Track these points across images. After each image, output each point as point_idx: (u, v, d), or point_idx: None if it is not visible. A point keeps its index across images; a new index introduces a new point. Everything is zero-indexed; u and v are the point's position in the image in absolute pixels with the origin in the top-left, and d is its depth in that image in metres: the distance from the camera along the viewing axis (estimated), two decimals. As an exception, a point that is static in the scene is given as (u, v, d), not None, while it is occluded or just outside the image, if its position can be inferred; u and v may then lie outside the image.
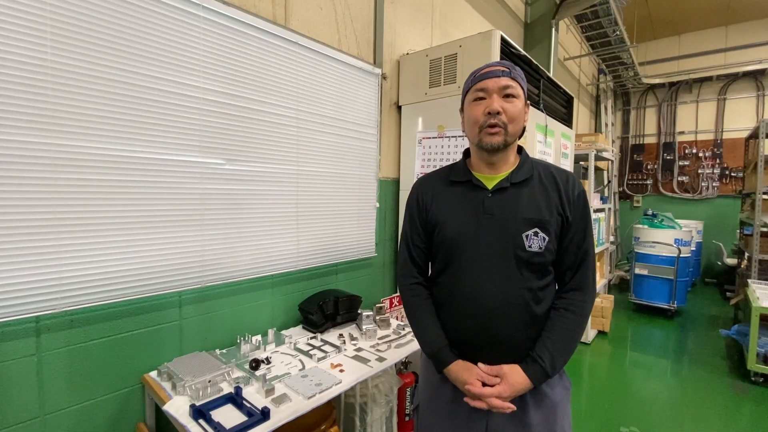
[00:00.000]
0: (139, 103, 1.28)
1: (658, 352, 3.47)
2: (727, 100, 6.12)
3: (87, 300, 1.21)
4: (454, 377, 1.01)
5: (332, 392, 1.30)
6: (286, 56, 1.72)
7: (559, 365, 0.97)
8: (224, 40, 1.50)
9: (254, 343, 1.57)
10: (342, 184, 2.05)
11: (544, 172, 1.04)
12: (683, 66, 6.32)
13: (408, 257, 1.13)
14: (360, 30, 2.16)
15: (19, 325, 1.12)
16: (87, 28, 1.16)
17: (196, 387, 1.22)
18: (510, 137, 0.98)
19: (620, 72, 6.06)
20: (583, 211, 1.02)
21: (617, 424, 2.32)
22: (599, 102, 6.63)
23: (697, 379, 2.96)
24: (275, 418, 1.13)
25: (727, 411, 2.51)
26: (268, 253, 1.73)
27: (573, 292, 1.01)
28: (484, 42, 2.01)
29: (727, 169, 6.14)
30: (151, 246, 1.35)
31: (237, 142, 1.56)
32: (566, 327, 0.98)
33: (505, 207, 0.99)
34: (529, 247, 0.97)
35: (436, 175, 1.15)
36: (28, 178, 1.08)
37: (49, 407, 1.18)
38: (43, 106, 1.09)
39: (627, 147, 7.00)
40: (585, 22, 4.64)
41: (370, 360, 1.54)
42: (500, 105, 0.96)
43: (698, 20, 5.92)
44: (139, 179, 1.30)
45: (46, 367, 1.17)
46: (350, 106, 2.05)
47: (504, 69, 0.98)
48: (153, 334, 1.41)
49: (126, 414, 1.36)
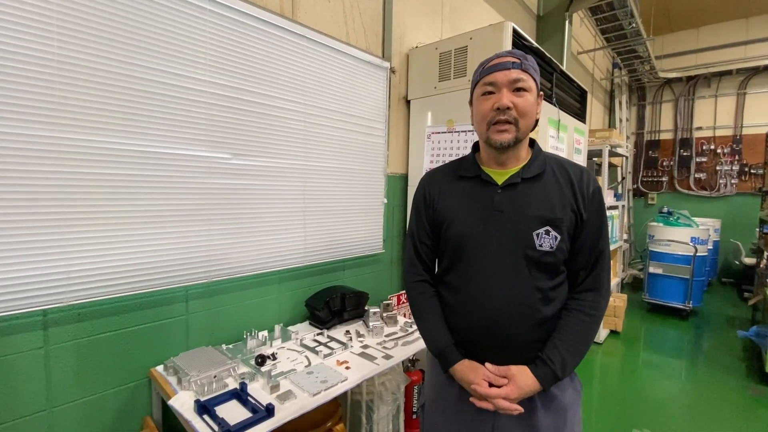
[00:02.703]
0: (145, 96, 1.27)
1: (673, 353, 3.39)
2: (748, 95, 5.92)
3: (94, 294, 1.22)
4: (460, 377, 0.99)
5: (338, 389, 1.29)
6: (293, 50, 1.70)
7: (569, 368, 0.94)
8: (231, 33, 1.48)
9: (261, 339, 1.56)
10: (349, 180, 2.03)
11: (558, 168, 0.99)
12: (701, 59, 6.12)
13: (414, 254, 1.10)
14: (368, 23, 2.13)
15: (26, 318, 1.13)
16: (93, 21, 1.15)
17: (201, 382, 1.22)
18: (521, 133, 0.94)
19: (636, 66, 5.91)
20: (599, 209, 0.97)
21: (629, 426, 2.27)
22: (613, 97, 6.48)
23: (712, 381, 2.88)
24: (279, 415, 1.12)
25: (744, 414, 2.44)
26: (275, 249, 1.72)
27: (586, 293, 0.97)
28: (495, 34, 1.96)
29: (746, 166, 5.95)
30: (157, 240, 1.35)
31: (244, 136, 1.55)
32: (579, 329, 0.94)
33: (515, 204, 0.96)
34: (540, 246, 0.93)
35: (444, 169, 1.11)
36: (35, 171, 1.08)
37: (56, 400, 1.19)
38: (49, 99, 1.09)
39: (642, 143, 6.84)
40: (600, 15, 4.53)
41: (377, 357, 1.52)
42: (510, 100, 0.91)
43: (718, 12, 5.72)
44: (146, 173, 1.30)
45: (53, 360, 1.18)
46: (358, 101, 2.02)
47: (515, 60, 0.93)
48: (160, 329, 1.41)
49: (133, 408, 1.36)
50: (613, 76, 6.31)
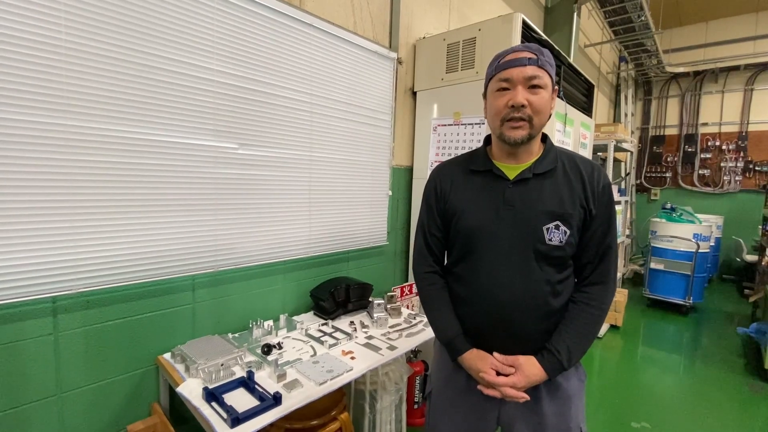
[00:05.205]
0: (153, 85, 1.26)
1: (672, 348, 3.41)
2: (755, 91, 5.86)
3: (102, 282, 1.22)
4: (468, 365, 1.01)
5: (344, 379, 1.30)
6: (300, 39, 1.68)
7: (575, 358, 0.96)
8: (239, 21, 1.47)
9: (266, 328, 1.57)
10: (355, 171, 2.02)
11: (569, 163, 0.99)
12: (709, 54, 6.04)
13: (424, 245, 1.11)
14: (376, 12, 2.10)
15: (36, 305, 1.13)
16: (102, 8, 1.14)
17: (209, 370, 1.23)
18: (535, 130, 0.94)
19: (643, 60, 5.85)
20: (608, 205, 0.98)
21: (628, 420, 2.30)
22: (619, 91, 6.42)
23: (711, 376, 2.90)
24: (287, 403, 1.13)
25: (742, 410, 2.46)
26: (281, 239, 1.72)
27: (593, 286, 0.99)
28: (504, 25, 1.94)
29: (751, 163, 5.93)
30: (165, 229, 1.35)
31: (250, 126, 1.54)
32: (585, 321, 0.96)
33: (526, 198, 0.96)
34: (549, 241, 0.94)
35: (455, 162, 1.11)
36: (44, 159, 1.08)
37: (65, 386, 1.21)
38: (57, 86, 1.08)
39: (646, 138, 6.80)
40: (608, 7, 4.47)
41: (381, 348, 1.53)
42: (525, 97, 0.90)
43: (728, 6, 5.64)
44: (154, 162, 1.29)
45: (62, 346, 1.19)
46: (364, 91, 2.01)
47: (531, 56, 0.91)
48: (167, 317, 1.42)
49: (141, 394, 1.38)
50: (619, 70, 6.24)
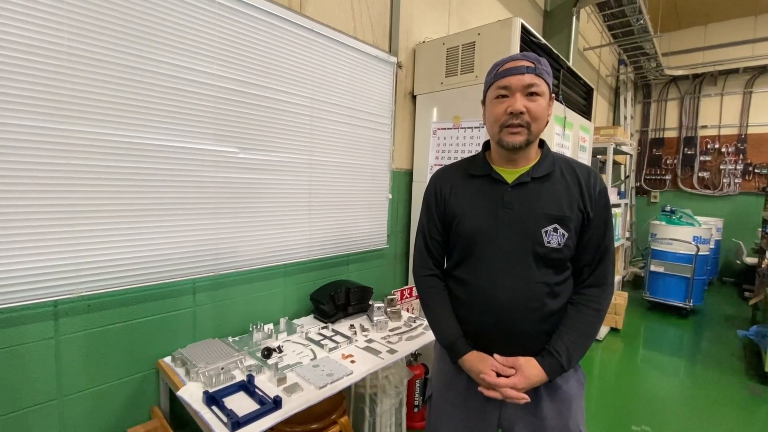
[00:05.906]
0: (154, 89, 1.27)
1: (672, 351, 3.41)
2: (754, 94, 5.88)
3: (103, 285, 1.23)
4: (469, 367, 1.01)
5: (344, 383, 1.30)
6: (300, 43, 1.69)
7: (575, 360, 0.97)
8: (239, 26, 1.48)
9: (266, 332, 1.58)
10: (355, 175, 2.03)
11: (566, 168, 1.01)
12: (708, 57, 6.06)
13: (424, 249, 1.12)
14: (376, 17, 2.12)
15: (37, 309, 1.14)
16: (103, 13, 1.15)
17: (209, 374, 1.23)
18: (532, 136, 0.96)
19: (642, 63, 5.86)
20: (604, 208, 1.00)
21: (628, 423, 2.30)
22: (618, 94, 6.44)
23: (711, 379, 2.90)
24: (287, 407, 1.14)
25: (742, 413, 2.46)
26: (281, 243, 1.73)
27: (591, 289, 1.00)
28: (503, 30, 1.95)
29: (750, 166, 5.93)
30: (166, 233, 1.36)
31: (251, 130, 1.55)
32: (584, 323, 0.98)
33: (524, 202, 0.98)
34: (548, 243, 0.95)
35: (455, 167, 1.13)
36: (46, 164, 1.09)
37: (66, 389, 1.21)
38: (57, 92, 1.09)
39: (646, 141, 6.81)
40: (607, 11, 4.49)
41: (382, 352, 1.54)
42: (523, 105, 0.93)
43: (727, 9, 5.67)
44: (155, 166, 1.30)
45: (63, 350, 1.19)
46: (364, 95, 2.02)
47: (529, 64, 0.93)
48: (167, 321, 1.43)
49: (141, 397, 1.38)
50: (618, 72, 6.26)
